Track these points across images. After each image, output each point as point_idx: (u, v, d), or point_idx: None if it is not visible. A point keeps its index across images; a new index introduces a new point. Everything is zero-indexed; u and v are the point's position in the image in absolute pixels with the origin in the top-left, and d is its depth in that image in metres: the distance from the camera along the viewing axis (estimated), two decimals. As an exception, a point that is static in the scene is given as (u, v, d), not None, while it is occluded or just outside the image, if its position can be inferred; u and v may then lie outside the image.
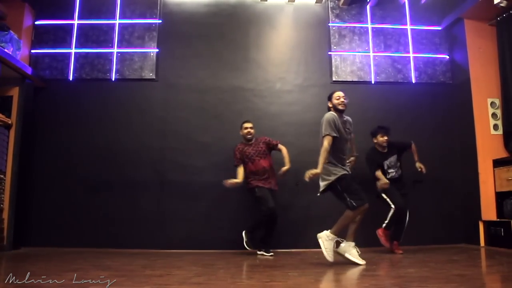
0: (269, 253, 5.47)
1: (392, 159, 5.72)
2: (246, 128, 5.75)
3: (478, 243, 6.09)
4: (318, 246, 5.75)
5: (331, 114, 4.61)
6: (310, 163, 6.10)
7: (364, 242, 5.80)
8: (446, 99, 6.77)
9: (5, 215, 5.76)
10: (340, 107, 4.65)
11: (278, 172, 5.63)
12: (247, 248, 5.52)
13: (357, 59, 6.85)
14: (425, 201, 6.38)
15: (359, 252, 4.49)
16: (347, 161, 4.86)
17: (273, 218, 5.44)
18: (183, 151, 6.29)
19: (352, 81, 6.76)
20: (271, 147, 5.78)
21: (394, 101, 6.70)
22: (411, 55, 6.90)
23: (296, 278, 3.63)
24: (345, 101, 4.65)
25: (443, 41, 6.98)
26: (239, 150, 5.71)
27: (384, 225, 5.51)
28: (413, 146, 5.86)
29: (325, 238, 4.48)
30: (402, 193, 5.62)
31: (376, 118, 6.47)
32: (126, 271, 3.98)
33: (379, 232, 5.53)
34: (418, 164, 5.74)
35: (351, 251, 4.47)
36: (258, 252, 5.56)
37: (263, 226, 5.53)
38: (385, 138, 5.71)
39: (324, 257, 4.45)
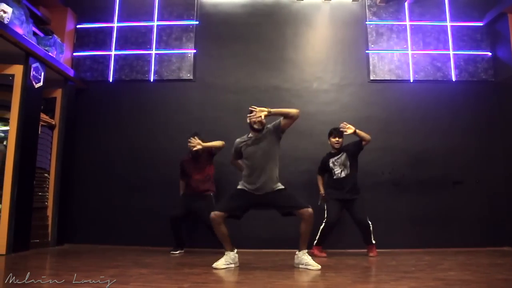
0: (176, 251, 5.55)
1: (340, 158, 5.53)
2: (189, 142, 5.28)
3: (523, 246, 5.89)
4: (355, 247, 5.73)
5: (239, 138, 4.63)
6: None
7: (402, 243, 5.75)
8: (488, 97, 6.55)
9: (50, 212, 6.01)
10: (255, 126, 4.43)
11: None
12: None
13: (395, 58, 6.73)
14: (466, 203, 6.21)
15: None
16: None
17: (172, 224, 5.57)
18: (222, 151, 6.31)
19: (390, 80, 6.64)
20: (213, 154, 5.75)
21: (434, 100, 6.54)
22: (451, 52, 6.72)
23: (333, 279, 3.61)
24: (258, 119, 4.32)
25: (485, 37, 6.76)
26: (181, 164, 5.85)
27: (315, 242, 5.34)
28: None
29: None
30: (347, 198, 5.40)
31: (415, 118, 6.38)
32: (165, 269, 4.07)
33: (313, 250, 5.28)
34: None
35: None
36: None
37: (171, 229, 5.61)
38: (336, 139, 5.55)
39: (360, 259, 4.39)
